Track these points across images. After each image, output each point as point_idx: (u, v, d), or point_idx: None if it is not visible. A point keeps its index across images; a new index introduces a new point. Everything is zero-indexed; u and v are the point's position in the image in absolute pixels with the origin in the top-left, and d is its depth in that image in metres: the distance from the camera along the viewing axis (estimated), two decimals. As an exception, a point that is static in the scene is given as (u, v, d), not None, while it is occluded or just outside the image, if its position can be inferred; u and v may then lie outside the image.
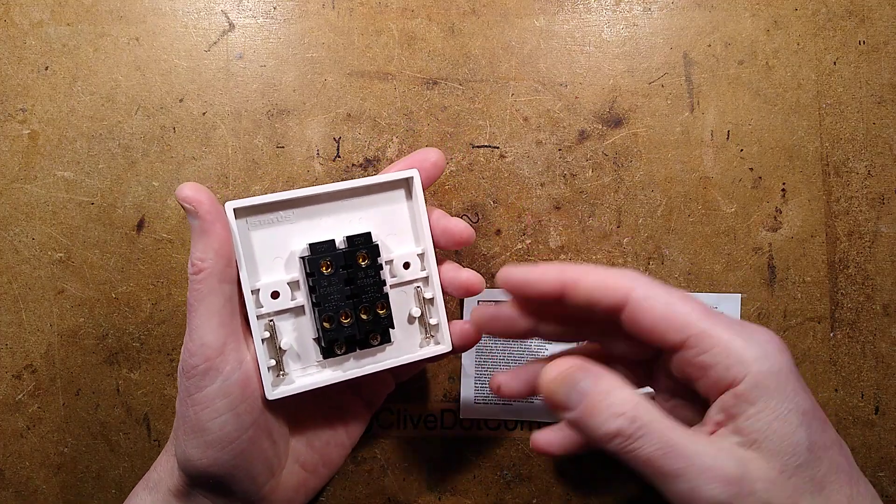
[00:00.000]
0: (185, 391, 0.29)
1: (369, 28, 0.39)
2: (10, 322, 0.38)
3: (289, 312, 0.31)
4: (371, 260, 0.31)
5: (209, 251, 0.28)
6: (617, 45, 0.39)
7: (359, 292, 0.31)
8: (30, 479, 0.39)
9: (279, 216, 0.31)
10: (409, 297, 0.33)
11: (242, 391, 0.29)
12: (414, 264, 0.33)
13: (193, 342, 0.29)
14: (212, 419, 0.29)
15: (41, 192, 0.39)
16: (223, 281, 0.29)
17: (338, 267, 0.30)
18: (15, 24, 0.39)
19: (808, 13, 0.39)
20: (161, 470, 0.33)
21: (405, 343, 0.33)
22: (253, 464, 0.31)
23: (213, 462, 0.29)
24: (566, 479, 0.39)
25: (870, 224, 0.39)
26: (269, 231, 0.31)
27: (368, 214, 0.32)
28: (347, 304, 0.30)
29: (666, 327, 0.25)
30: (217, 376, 0.29)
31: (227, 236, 0.29)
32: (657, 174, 0.39)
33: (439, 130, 0.39)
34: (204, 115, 0.39)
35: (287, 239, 0.31)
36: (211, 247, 0.28)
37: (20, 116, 0.39)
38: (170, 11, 0.39)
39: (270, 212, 0.31)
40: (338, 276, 0.30)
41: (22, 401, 0.39)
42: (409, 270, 0.33)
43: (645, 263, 0.39)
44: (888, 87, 0.39)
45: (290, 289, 0.31)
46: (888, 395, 0.39)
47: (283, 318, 0.31)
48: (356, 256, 0.31)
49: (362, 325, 0.31)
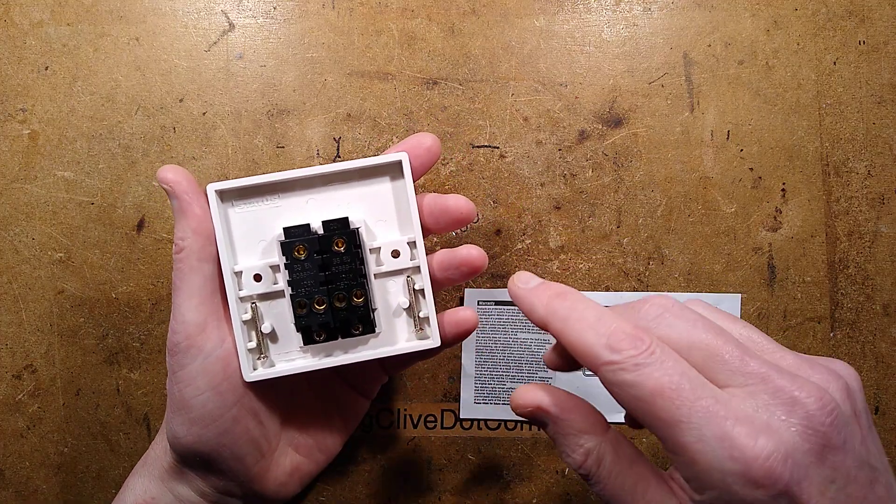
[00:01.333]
0: (170, 369, 0.30)
1: (369, 28, 0.39)
2: (10, 322, 0.38)
3: (274, 297, 0.31)
4: (348, 245, 0.30)
5: (187, 230, 0.29)
6: (617, 45, 0.39)
7: (333, 279, 0.30)
8: (30, 479, 0.39)
9: (265, 200, 0.31)
10: (399, 288, 0.32)
11: (224, 369, 0.30)
12: (404, 253, 0.31)
13: (176, 320, 0.29)
14: (194, 396, 0.29)
15: (41, 192, 0.39)
16: (202, 259, 0.29)
17: (312, 252, 0.30)
18: (15, 24, 0.39)
19: (808, 13, 0.39)
20: (157, 449, 0.34)
21: (392, 335, 0.32)
22: (238, 443, 0.31)
23: (198, 439, 0.30)
24: (566, 479, 0.39)
25: (870, 224, 0.39)
26: (252, 214, 0.31)
27: (356, 200, 0.32)
28: (321, 290, 0.30)
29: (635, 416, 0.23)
30: (198, 354, 0.29)
31: (204, 216, 0.30)
32: (657, 174, 0.39)
33: (439, 130, 0.39)
34: (204, 115, 0.39)
35: (271, 222, 0.31)
36: (189, 226, 0.29)
37: (20, 116, 0.39)
38: (170, 11, 0.39)
39: (255, 196, 0.31)
40: (311, 261, 0.30)
41: (22, 401, 0.39)
42: (398, 259, 0.31)
43: (645, 263, 0.39)
44: (888, 87, 0.39)
45: (273, 272, 0.31)
46: (888, 395, 0.39)
47: (267, 302, 0.31)
48: (332, 242, 0.30)
49: (337, 312, 0.30)
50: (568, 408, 0.25)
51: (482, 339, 0.39)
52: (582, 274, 0.39)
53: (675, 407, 0.21)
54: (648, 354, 0.22)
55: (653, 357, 0.22)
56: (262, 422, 0.32)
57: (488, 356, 0.39)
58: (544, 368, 0.39)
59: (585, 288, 0.39)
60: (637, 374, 0.22)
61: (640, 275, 0.39)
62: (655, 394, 0.21)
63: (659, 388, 0.21)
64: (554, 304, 0.25)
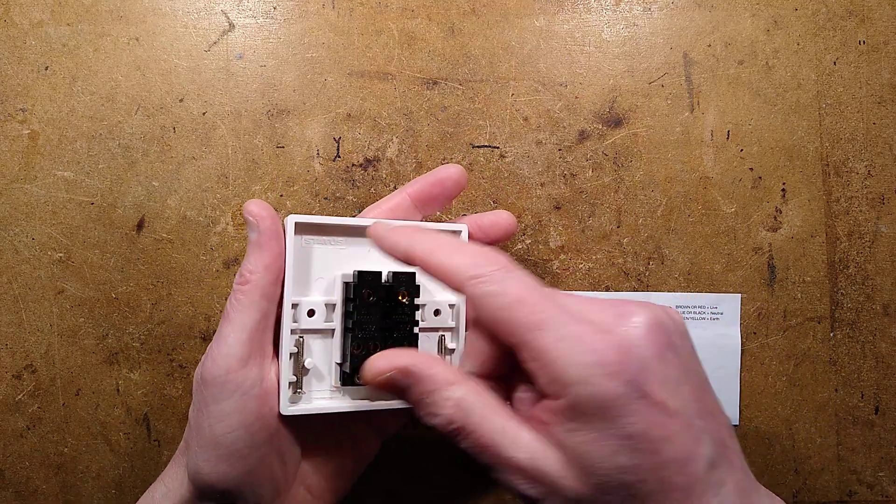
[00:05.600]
0: (202, 401, 0.29)
1: (369, 28, 0.39)
2: (10, 322, 0.38)
3: (318, 333, 0.32)
4: (410, 299, 0.31)
5: (259, 265, 0.29)
6: (617, 45, 0.39)
7: (392, 327, 0.31)
8: (30, 479, 0.39)
9: (331, 239, 0.32)
10: (432, 344, 0.34)
11: (259, 408, 0.29)
12: (444, 313, 0.34)
13: (220, 352, 0.29)
14: (225, 433, 0.29)
15: (41, 192, 0.39)
16: (265, 297, 0.29)
17: (379, 299, 0.31)
18: (15, 24, 0.39)
19: (808, 13, 0.39)
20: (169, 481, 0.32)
21: None
22: (260, 483, 0.30)
23: (223, 477, 0.29)
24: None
25: (870, 224, 0.39)
26: (318, 250, 0.32)
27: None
28: (379, 336, 0.31)
29: (497, 330, 0.25)
30: (236, 390, 0.29)
31: (280, 255, 0.30)
32: (657, 174, 0.39)
33: (439, 130, 0.39)
34: (204, 115, 0.39)
35: (333, 262, 0.32)
36: (262, 261, 0.29)
37: (20, 116, 0.39)
38: (170, 11, 0.39)
39: (325, 234, 0.32)
40: (378, 307, 0.31)
41: (22, 401, 0.39)
42: (438, 318, 0.33)
43: (645, 263, 0.39)
44: (888, 87, 0.39)
45: (328, 310, 0.32)
46: (888, 395, 0.39)
47: (311, 338, 0.32)
48: (398, 293, 0.31)
49: None
50: (428, 364, 0.26)
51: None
52: (582, 274, 0.39)
53: (536, 312, 0.24)
54: (507, 270, 0.25)
55: (511, 272, 0.25)
56: (284, 461, 0.31)
57: (488, 356, 0.39)
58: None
59: (585, 288, 0.39)
60: (500, 285, 0.25)
61: (640, 275, 0.39)
62: (517, 301, 0.24)
63: (520, 296, 0.24)
64: (415, 237, 0.28)
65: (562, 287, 0.39)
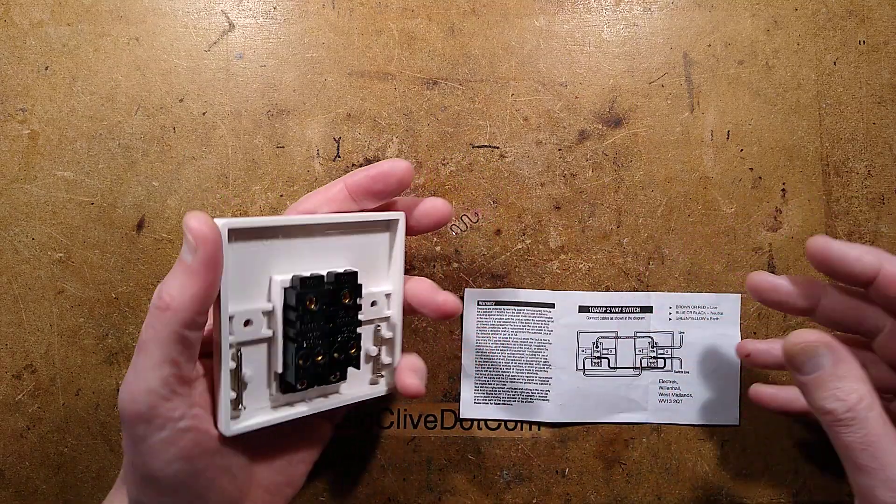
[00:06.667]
0: (130, 438, 0.26)
1: (369, 28, 0.39)
2: (10, 322, 0.38)
3: (255, 343, 0.29)
4: (353, 299, 0.30)
5: (186, 294, 0.25)
6: (617, 45, 0.39)
7: (335, 331, 0.30)
8: (30, 479, 0.39)
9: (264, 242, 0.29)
10: (368, 335, 0.32)
11: (195, 436, 0.27)
12: (380, 303, 0.32)
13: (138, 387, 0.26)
14: (162, 468, 0.26)
15: (41, 192, 0.39)
16: (187, 326, 0.26)
17: (322, 304, 0.29)
18: (15, 24, 0.39)
19: (808, 13, 0.39)
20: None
21: (355, 380, 0.33)
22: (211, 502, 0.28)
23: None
24: (566, 479, 0.39)
25: (870, 224, 0.39)
26: (252, 254, 0.29)
27: (349, 248, 0.31)
28: (324, 341, 0.29)
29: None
30: (165, 423, 0.26)
31: (214, 285, 0.26)
32: (657, 174, 0.39)
33: (439, 130, 0.39)
34: (204, 115, 0.39)
35: (267, 265, 0.29)
36: (190, 290, 0.25)
37: (20, 116, 0.39)
38: (170, 11, 0.39)
39: (259, 237, 0.29)
40: (322, 313, 0.29)
41: (22, 401, 0.39)
42: (374, 308, 0.32)
43: (645, 263, 0.39)
44: (888, 87, 0.39)
45: (265, 318, 0.29)
46: (888, 395, 0.39)
47: (247, 348, 0.29)
48: (342, 295, 0.30)
49: (333, 363, 0.30)
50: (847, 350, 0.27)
51: (482, 339, 0.39)
52: (582, 274, 0.39)
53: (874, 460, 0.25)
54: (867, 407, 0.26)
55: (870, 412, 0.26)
56: (234, 474, 0.30)
57: (488, 356, 0.39)
58: (544, 368, 0.39)
59: (585, 288, 0.39)
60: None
61: (640, 275, 0.39)
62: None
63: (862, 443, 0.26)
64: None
65: (562, 287, 0.39)
